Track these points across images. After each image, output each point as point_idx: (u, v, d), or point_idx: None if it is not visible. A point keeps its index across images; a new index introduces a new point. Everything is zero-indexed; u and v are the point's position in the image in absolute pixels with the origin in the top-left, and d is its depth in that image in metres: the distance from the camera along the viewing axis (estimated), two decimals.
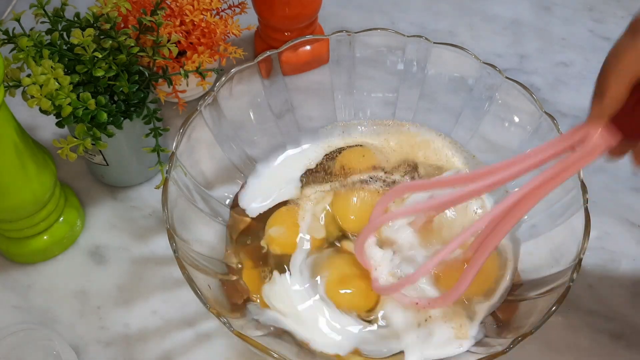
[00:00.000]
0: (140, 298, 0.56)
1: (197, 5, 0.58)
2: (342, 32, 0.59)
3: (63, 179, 0.61)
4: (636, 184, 0.64)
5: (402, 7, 0.80)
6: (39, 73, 0.47)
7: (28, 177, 0.51)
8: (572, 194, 0.50)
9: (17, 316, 0.55)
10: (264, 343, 0.43)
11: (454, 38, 0.76)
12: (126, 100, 0.54)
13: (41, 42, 0.50)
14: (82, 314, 0.55)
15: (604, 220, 0.60)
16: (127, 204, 0.62)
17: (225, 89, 0.56)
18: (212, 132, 0.56)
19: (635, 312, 0.55)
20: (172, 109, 0.67)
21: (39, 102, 0.47)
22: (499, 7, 0.80)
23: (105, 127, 0.52)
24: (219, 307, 0.45)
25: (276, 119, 0.62)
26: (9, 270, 0.58)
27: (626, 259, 0.58)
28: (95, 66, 0.51)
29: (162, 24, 0.53)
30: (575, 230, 0.48)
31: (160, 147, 0.53)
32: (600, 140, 0.39)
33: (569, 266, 0.47)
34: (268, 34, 0.69)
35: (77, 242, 0.60)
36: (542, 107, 0.54)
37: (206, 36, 0.60)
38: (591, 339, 0.54)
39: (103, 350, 0.53)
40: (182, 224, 0.50)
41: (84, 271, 0.58)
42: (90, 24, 0.54)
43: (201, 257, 0.51)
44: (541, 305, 0.46)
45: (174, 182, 0.50)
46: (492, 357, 0.42)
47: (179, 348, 0.53)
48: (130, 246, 0.59)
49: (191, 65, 0.57)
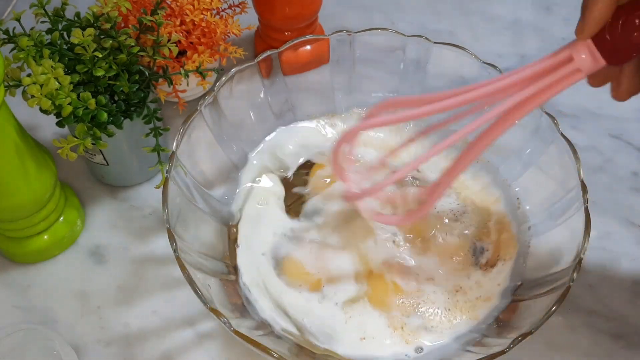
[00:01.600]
0: (140, 298, 0.56)
1: (197, 5, 0.58)
2: (342, 32, 0.59)
3: (63, 179, 0.61)
4: (636, 184, 0.64)
5: (402, 7, 0.80)
6: (39, 73, 0.47)
7: (28, 177, 0.51)
8: (572, 194, 0.50)
9: (17, 316, 0.55)
10: (264, 343, 0.43)
11: (454, 38, 0.76)
12: (126, 100, 0.54)
13: (41, 41, 0.50)
14: (82, 314, 0.55)
15: (604, 220, 0.61)
16: (127, 203, 0.62)
17: (226, 88, 0.56)
18: (212, 131, 0.56)
19: (635, 312, 0.55)
20: (172, 109, 0.67)
21: (39, 102, 0.47)
22: (499, 7, 0.80)
23: (105, 127, 0.52)
24: (219, 307, 0.45)
25: (276, 119, 0.62)
26: (9, 270, 0.58)
27: (626, 259, 0.58)
28: (95, 66, 0.51)
29: (162, 23, 0.53)
30: (575, 230, 0.48)
31: (160, 147, 0.53)
32: (582, 62, 0.38)
33: (569, 266, 0.47)
34: (268, 33, 0.69)
35: (77, 242, 0.60)
36: (542, 107, 0.54)
37: (206, 36, 0.60)
38: (591, 339, 0.54)
39: (103, 350, 0.53)
40: (182, 224, 0.50)
41: (84, 271, 0.58)
42: (90, 24, 0.54)
43: (201, 257, 0.51)
44: (541, 305, 0.46)
45: (174, 182, 0.50)
46: (492, 357, 0.42)
47: (179, 348, 0.53)
48: (130, 246, 0.59)
49: (191, 65, 0.57)
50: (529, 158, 0.57)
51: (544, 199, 0.54)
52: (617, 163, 0.65)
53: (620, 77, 0.39)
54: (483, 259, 0.54)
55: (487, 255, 0.54)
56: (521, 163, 0.57)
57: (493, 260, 0.54)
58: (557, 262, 0.49)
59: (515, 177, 0.58)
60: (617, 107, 0.70)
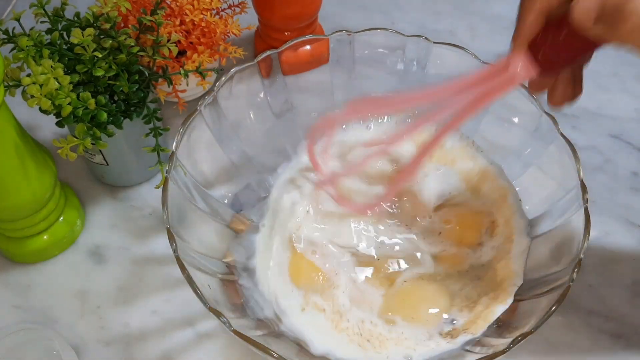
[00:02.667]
0: (140, 298, 0.56)
1: (197, 5, 0.58)
2: (342, 32, 0.59)
3: (63, 179, 0.61)
4: (636, 184, 0.64)
5: (402, 7, 0.80)
6: (39, 73, 0.47)
7: (28, 177, 0.51)
8: (571, 194, 0.50)
9: (17, 316, 0.55)
10: (264, 343, 0.43)
11: (454, 38, 0.76)
12: (126, 100, 0.54)
13: (41, 41, 0.50)
14: (82, 314, 0.55)
15: (604, 220, 0.61)
16: (127, 203, 0.62)
17: (225, 88, 0.56)
18: (212, 131, 0.56)
19: (635, 312, 0.55)
20: (172, 109, 0.67)
21: (39, 102, 0.47)
22: (499, 7, 0.80)
23: (105, 127, 0.52)
24: (219, 307, 0.45)
25: (276, 119, 0.62)
26: (9, 270, 0.58)
27: (626, 259, 0.58)
28: (95, 66, 0.51)
29: (162, 23, 0.53)
30: (575, 230, 0.48)
31: (160, 147, 0.53)
32: (518, 69, 0.41)
33: (569, 266, 0.47)
34: (268, 33, 0.69)
35: (77, 242, 0.60)
36: (542, 107, 0.54)
37: (206, 36, 0.60)
38: (591, 338, 0.54)
39: (103, 350, 0.53)
40: (182, 224, 0.50)
41: (84, 271, 0.58)
42: (90, 24, 0.53)
43: (201, 257, 0.51)
44: (541, 305, 0.46)
45: (174, 182, 0.50)
46: (492, 357, 0.42)
47: (179, 348, 0.53)
48: (130, 246, 0.59)
49: (191, 65, 0.57)
50: (528, 158, 0.57)
51: (544, 198, 0.54)
52: (616, 163, 0.65)
53: (555, 85, 0.42)
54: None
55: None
56: (521, 163, 0.57)
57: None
58: (557, 262, 0.49)
59: (515, 177, 0.58)
60: (617, 107, 0.70)
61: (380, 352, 0.50)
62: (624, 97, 0.71)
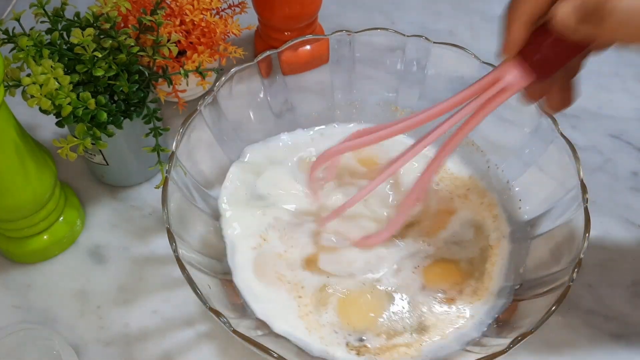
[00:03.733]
0: (140, 298, 0.56)
1: (197, 5, 0.58)
2: (342, 32, 0.59)
3: (63, 179, 0.61)
4: (636, 184, 0.64)
5: (402, 7, 0.80)
6: (38, 73, 0.47)
7: (28, 177, 0.51)
8: (572, 194, 0.50)
9: (17, 316, 0.55)
10: (264, 343, 0.43)
11: (454, 38, 0.76)
12: (126, 100, 0.54)
13: (41, 41, 0.50)
14: (82, 314, 0.55)
15: (604, 220, 0.61)
16: (127, 203, 0.62)
17: (225, 88, 0.56)
18: (212, 131, 0.56)
19: (635, 312, 0.55)
20: (172, 109, 0.67)
21: (39, 102, 0.47)
22: (499, 7, 0.78)
23: (105, 127, 0.52)
24: (219, 307, 0.45)
25: (276, 119, 0.62)
26: (9, 270, 0.58)
27: (626, 259, 0.58)
28: (95, 66, 0.51)
29: (162, 23, 0.53)
30: (575, 230, 0.48)
31: (160, 147, 0.53)
32: (511, 78, 0.41)
33: (569, 266, 0.47)
34: (268, 33, 0.69)
35: (77, 242, 0.60)
36: (542, 107, 0.54)
37: (206, 36, 0.60)
38: (591, 338, 0.54)
39: (103, 350, 0.53)
40: (182, 224, 0.50)
41: (84, 271, 0.58)
42: (90, 24, 0.53)
43: (201, 257, 0.51)
44: (541, 304, 0.46)
45: (173, 182, 0.50)
46: (492, 357, 0.42)
47: (179, 348, 0.53)
48: (130, 246, 0.59)
49: (191, 64, 0.57)
50: (528, 158, 0.57)
51: (544, 198, 0.54)
52: (616, 163, 0.65)
53: (551, 91, 0.43)
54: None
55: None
56: (521, 163, 0.57)
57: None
58: (557, 262, 0.49)
59: (515, 177, 0.58)
60: (617, 107, 0.70)
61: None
62: (624, 97, 0.71)
